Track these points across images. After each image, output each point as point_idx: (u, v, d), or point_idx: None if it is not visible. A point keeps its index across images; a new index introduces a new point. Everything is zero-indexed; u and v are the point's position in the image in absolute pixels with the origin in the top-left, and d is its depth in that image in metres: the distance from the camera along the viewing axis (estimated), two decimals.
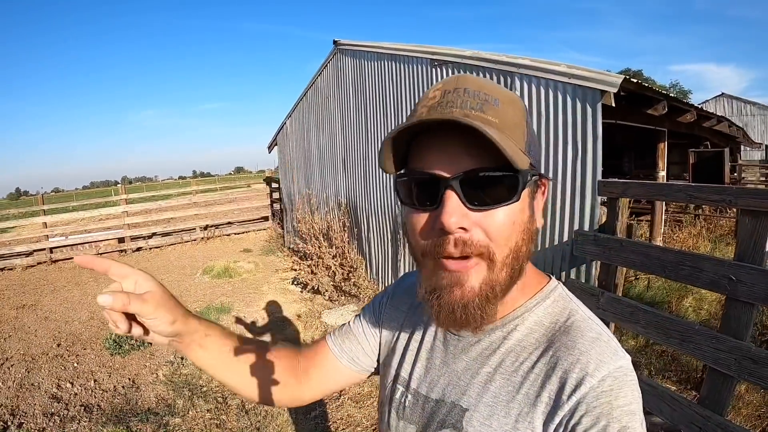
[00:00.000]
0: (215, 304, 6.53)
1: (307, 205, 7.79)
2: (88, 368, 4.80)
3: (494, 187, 0.58)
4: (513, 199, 0.58)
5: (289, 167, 9.85)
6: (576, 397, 0.58)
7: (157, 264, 9.66)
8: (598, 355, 0.60)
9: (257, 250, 10.37)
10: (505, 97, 0.61)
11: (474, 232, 0.58)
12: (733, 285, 2.15)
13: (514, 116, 0.60)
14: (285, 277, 7.83)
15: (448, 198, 0.57)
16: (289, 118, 9.39)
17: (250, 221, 13.05)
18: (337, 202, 7.41)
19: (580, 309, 0.68)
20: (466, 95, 0.59)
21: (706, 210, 9.52)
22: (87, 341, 5.46)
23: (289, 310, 6.28)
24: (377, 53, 6.07)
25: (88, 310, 6.66)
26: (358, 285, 6.25)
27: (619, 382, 0.58)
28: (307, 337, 5.33)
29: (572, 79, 3.43)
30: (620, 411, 0.56)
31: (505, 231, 0.59)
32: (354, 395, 4.02)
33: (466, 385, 0.69)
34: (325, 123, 7.82)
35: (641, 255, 2.69)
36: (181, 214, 11.70)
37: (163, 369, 4.70)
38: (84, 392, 4.35)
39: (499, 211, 0.58)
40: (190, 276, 8.38)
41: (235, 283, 7.81)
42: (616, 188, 2.93)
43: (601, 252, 2.95)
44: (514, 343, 0.67)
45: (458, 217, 0.57)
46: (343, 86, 7.04)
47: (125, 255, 10.70)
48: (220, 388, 4.30)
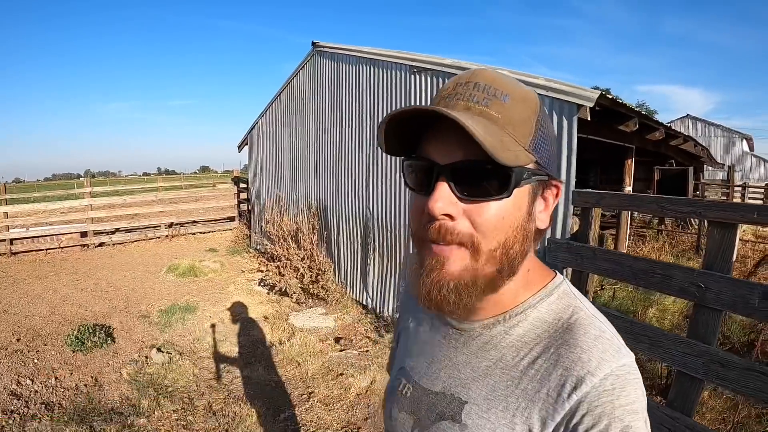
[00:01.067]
0: (180, 303, 6.45)
1: (276, 206, 7.78)
2: (49, 365, 4.69)
3: (485, 180, 0.59)
4: (503, 194, 0.59)
5: (259, 167, 9.80)
6: (577, 396, 0.58)
7: (120, 260, 9.44)
8: (601, 353, 0.60)
9: (223, 250, 10.27)
10: (516, 94, 0.62)
11: (459, 222, 0.60)
12: (702, 292, 2.23)
13: (522, 113, 0.61)
14: (252, 278, 7.79)
15: (439, 185, 0.59)
16: (261, 117, 9.35)
17: (215, 221, 12.89)
18: (308, 205, 7.42)
19: (584, 306, 0.68)
20: (476, 89, 0.61)
21: (668, 225, 9.91)
22: (48, 337, 5.33)
23: (256, 311, 6.27)
24: (356, 57, 6.09)
25: (48, 304, 6.49)
26: (326, 288, 6.25)
27: (621, 381, 0.58)
28: (274, 339, 5.32)
29: (550, 92, 3.59)
30: (622, 410, 0.56)
31: (493, 224, 0.60)
32: (323, 398, 4.06)
33: (466, 379, 0.70)
34: (298, 124, 7.81)
35: (613, 263, 2.74)
36: (146, 210, 11.46)
37: (127, 368, 4.64)
38: (45, 389, 4.25)
39: (489, 205, 0.60)
40: (154, 274, 8.23)
41: (201, 282, 7.73)
42: (590, 198, 3.00)
43: (574, 259, 3.00)
44: (516, 339, 0.67)
45: (445, 204, 0.59)
46: (320, 88, 7.04)
47: (87, 249, 10.42)
48: (186, 388, 4.28)
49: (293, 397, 4.15)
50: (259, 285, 7.31)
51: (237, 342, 5.30)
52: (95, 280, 7.85)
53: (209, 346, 5.21)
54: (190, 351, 5.08)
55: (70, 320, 5.84)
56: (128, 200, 11.51)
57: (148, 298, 6.83)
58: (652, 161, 10.29)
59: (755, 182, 21.49)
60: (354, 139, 6.20)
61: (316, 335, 5.33)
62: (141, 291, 7.18)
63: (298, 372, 4.56)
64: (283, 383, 4.39)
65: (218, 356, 4.94)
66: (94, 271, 8.50)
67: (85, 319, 5.87)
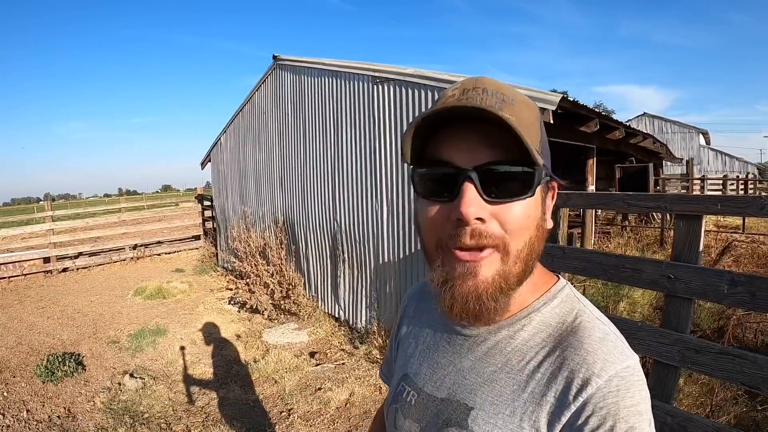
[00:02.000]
0: (150, 326, 6.35)
1: (243, 222, 7.74)
2: (19, 397, 4.59)
3: (512, 180, 0.60)
4: (529, 193, 0.61)
5: (224, 184, 9.73)
6: (582, 398, 0.59)
7: (85, 285, 9.23)
8: (605, 355, 0.61)
9: (190, 270, 10.15)
10: (520, 99, 0.64)
11: (490, 224, 0.60)
12: (672, 283, 2.34)
13: (529, 117, 0.62)
14: (221, 297, 7.73)
15: (467, 189, 0.59)
16: (224, 133, 9.30)
17: (180, 240, 12.71)
18: (274, 219, 7.41)
19: (587, 309, 0.69)
20: (485, 94, 0.61)
21: (632, 221, 10.19)
22: (16, 368, 5.20)
23: (228, 330, 6.24)
24: (318, 69, 6.11)
25: (15, 334, 6.33)
26: (297, 303, 6.27)
27: (626, 382, 0.59)
28: (248, 358, 5.32)
29: None
30: (627, 411, 0.57)
31: (521, 224, 0.61)
32: (303, 414, 4.07)
33: (471, 384, 0.70)
34: (262, 138, 7.79)
35: (584, 261, 2.83)
36: (109, 232, 11.25)
37: (100, 396, 4.57)
38: (17, 424, 4.17)
39: (515, 205, 0.61)
40: (121, 297, 8.08)
41: (169, 304, 7.63)
42: (558, 199, 3.04)
43: (544, 259, 3.01)
44: (521, 343, 0.68)
45: (476, 208, 0.59)
46: (282, 102, 7.04)
47: (51, 276, 10.14)
48: (163, 414, 4.24)
49: (273, 415, 4.14)
50: (229, 303, 7.25)
51: (211, 363, 5.26)
52: (62, 306, 7.68)
53: (182, 369, 5.16)
54: (163, 375, 5.02)
55: (37, 350, 5.72)
56: (91, 223, 11.27)
57: (116, 322, 6.71)
58: (613, 160, 10.54)
59: (713, 174, 22.38)
60: (318, 151, 6.20)
61: (291, 351, 5.34)
62: (109, 316, 7.05)
63: (276, 389, 4.55)
64: (261, 402, 4.38)
65: (193, 379, 4.90)
66: (59, 298, 8.30)
67: (53, 347, 5.75)
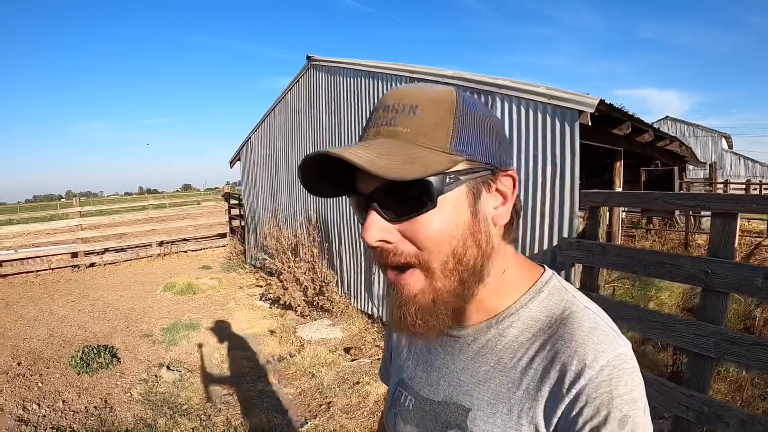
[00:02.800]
0: (183, 320, 6.43)
1: (274, 220, 7.80)
2: (54, 388, 4.62)
3: (406, 197, 0.59)
4: (427, 206, 0.58)
5: (253, 182, 9.77)
6: (576, 389, 0.59)
7: (113, 280, 9.32)
8: (596, 345, 0.60)
9: (217, 267, 10.22)
10: (427, 100, 0.61)
11: (401, 243, 0.60)
12: (709, 277, 2.47)
13: (435, 117, 0.60)
14: (252, 294, 7.81)
15: (369, 214, 0.60)
16: (254, 132, 9.36)
17: (206, 238, 12.79)
18: (307, 218, 7.42)
19: (576, 299, 0.68)
20: (385, 111, 0.62)
21: (656, 224, 10.29)
22: (49, 359, 5.25)
23: (261, 325, 6.29)
24: (354, 70, 6.18)
25: (46, 327, 6.40)
26: (331, 299, 6.30)
27: (618, 371, 0.59)
28: (284, 352, 5.34)
29: (552, 100, 3.74)
30: (621, 400, 0.57)
31: (430, 238, 0.60)
32: (343, 406, 4.07)
33: (466, 385, 0.70)
34: (295, 138, 7.84)
35: (624, 257, 3.00)
36: (136, 229, 11.37)
37: (137, 388, 4.60)
38: (53, 414, 4.18)
39: (420, 219, 0.59)
40: (150, 293, 8.16)
41: (200, 299, 7.70)
42: (598, 198, 3.25)
43: (585, 256, 3.24)
44: (511, 340, 0.68)
45: (377, 231, 0.60)
46: (316, 102, 7.10)
47: (79, 270, 10.24)
48: (202, 405, 4.27)
49: (312, 407, 4.16)
50: (260, 300, 7.33)
51: (247, 356, 5.29)
52: (91, 300, 7.76)
53: (219, 362, 5.19)
54: (199, 368, 5.05)
55: (70, 342, 5.77)
56: (118, 219, 11.41)
57: (148, 317, 6.77)
58: (637, 163, 10.51)
59: (735, 179, 22.19)
60: None
61: (326, 346, 5.36)
62: (140, 310, 7.11)
63: (314, 383, 4.57)
64: (299, 395, 4.41)
65: (229, 372, 4.93)
66: (88, 292, 8.39)
67: (85, 340, 5.81)
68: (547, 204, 3.88)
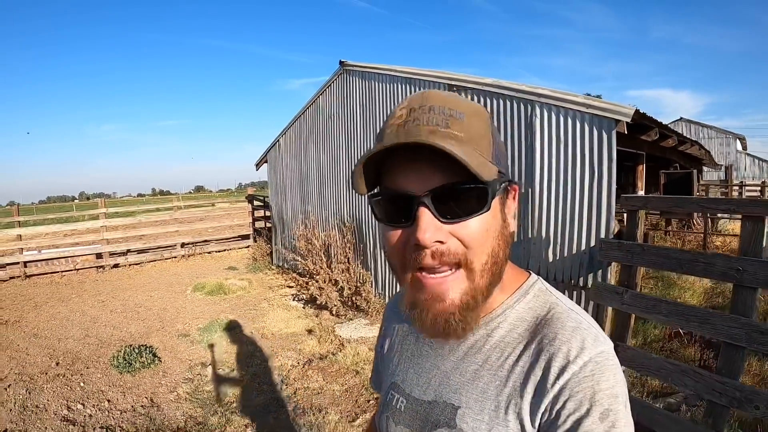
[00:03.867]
0: (220, 320, 6.49)
1: (307, 222, 7.90)
2: (97, 388, 4.66)
3: (465, 199, 0.61)
4: (484, 209, 0.62)
5: (282, 184, 9.87)
6: (560, 384, 0.61)
7: (139, 281, 9.41)
8: (579, 343, 0.63)
9: (243, 268, 10.29)
10: (469, 110, 0.64)
11: (450, 243, 0.62)
12: (740, 274, 2.74)
13: (480, 128, 0.64)
14: (284, 294, 7.87)
15: (422, 214, 0.61)
16: (282, 135, 9.46)
17: (228, 239, 12.91)
18: (341, 219, 7.53)
19: (560, 301, 0.72)
20: (432, 112, 0.62)
21: (674, 226, 10.64)
22: (88, 359, 5.30)
23: (297, 325, 6.33)
24: (390, 75, 6.36)
25: (80, 327, 6.48)
26: (367, 299, 6.40)
27: (600, 367, 0.61)
28: (324, 351, 5.37)
29: (590, 109, 3.98)
30: (602, 394, 0.60)
31: (480, 238, 0.63)
32: None
33: (456, 384, 0.73)
34: (327, 141, 7.95)
35: (661, 257, 3.27)
36: (160, 230, 11.49)
37: (183, 386, 4.66)
38: (99, 413, 4.22)
39: (472, 221, 0.62)
40: (180, 293, 8.24)
41: (231, 300, 7.77)
42: (637, 202, 3.53)
43: (624, 256, 3.48)
44: (498, 340, 0.71)
45: (432, 232, 0.61)
46: (350, 106, 7.25)
47: (103, 271, 10.35)
48: (256, 402, 4.30)
49: (360, 403, 4.20)
50: (293, 300, 7.40)
51: (288, 356, 5.31)
52: (121, 300, 7.83)
53: (261, 361, 5.20)
54: (242, 367, 5.07)
55: (107, 342, 5.84)
56: (144, 220, 11.60)
57: (182, 317, 6.84)
58: (655, 165, 10.71)
59: (750, 180, 22.46)
60: None
61: (366, 345, 5.41)
62: (172, 310, 7.18)
63: (359, 380, 4.62)
64: (346, 391, 4.44)
65: (273, 370, 4.95)
66: (117, 292, 8.49)
67: (122, 340, 5.88)
68: (585, 207, 4.14)
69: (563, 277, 4.35)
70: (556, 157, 4.34)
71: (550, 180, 4.40)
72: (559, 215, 4.35)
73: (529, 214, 4.58)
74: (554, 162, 4.35)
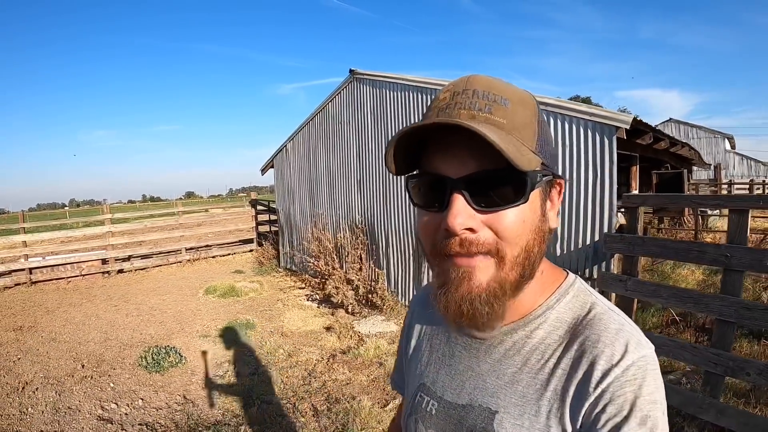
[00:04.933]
0: (238, 320, 6.69)
1: (318, 224, 8.19)
2: (128, 387, 4.79)
3: (502, 187, 0.61)
4: (521, 200, 0.61)
5: (289, 188, 10.12)
6: (602, 387, 0.61)
7: (148, 286, 9.53)
8: (623, 346, 0.63)
9: (249, 271, 10.48)
10: (515, 97, 0.63)
11: (482, 233, 0.61)
12: (728, 259, 3.18)
13: (524, 116, 0.63)
14: (296, 295, 8.09)
15: (455, 200, 0.61)
16: (290, 141, 9.73)
17: (231, 244, 13.09)
18: (352, 221, 7.79)
19: (599, 302, 0.71)
20: (476, 97, 0.62)
21: (666, 224, 11.23)
22: (113, 361, 5.44)
23: (315, 323, 6.56)
24: (401, 84, 6.64)
25: (98, 330, 6.61)
26: (382, 297, 6.66)
27: (643, 372, 0.61)
28: (344, 346, 5.59)
29: (593, 117, 4.44)
30: (643, 400, 0.60)
31: (516, 230, 0.62)
32: None
33: (493, 387, 0.71)
34: (337, 147, 8.20)
35: (659, 247, 3.75)
36: (165, 235, 11.70)
37: (214, 382, 4.83)
38: (135, 411, 4.34)
39: (509, 212, 0.61)
40: (192, 296, 8.41)
41: (245, 301, 7.96)
42: (637, 200, 3.98)
43: (626, 247, 3.90)
44: (538, 341, 0.70)
45: (464, 219, 0.60)
46: (360, 113, 7.52)
47: (109, 276, 10.47)
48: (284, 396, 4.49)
49: (388, 391, 4.40)
50: (307, 300, 7.65)
51: (310, 351, 5.52)
52: (134, 305, 7.98)
53: (286, 356, 5.39)
54: (268, 363, 5.24)
55: (128, 344, 5.99)
56: (148, 225, 11.79)
57: (199, 318, 7.00)
58: (648, 166, 11.08)
59: (738, 179, 23.29)
60: None
61: (385, 339, 5.64)
62: (188, 313, 7.33)
63: (384, 370, 4.81)
64: (373, 381, 4.66)
65: (299, 365, 5.14)
66: (128, 297, 8.63)
67: (143, 342, 6.03)
68: (589, 205, 4.57)
69: (570, 269, 4.78)
70: (562, 161, 4.76)
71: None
72: (564, 213, 4.73)
73: None
74: (559, 165, 4.74)
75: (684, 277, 7.17)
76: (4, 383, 4.99)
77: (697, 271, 7.39)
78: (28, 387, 4.87)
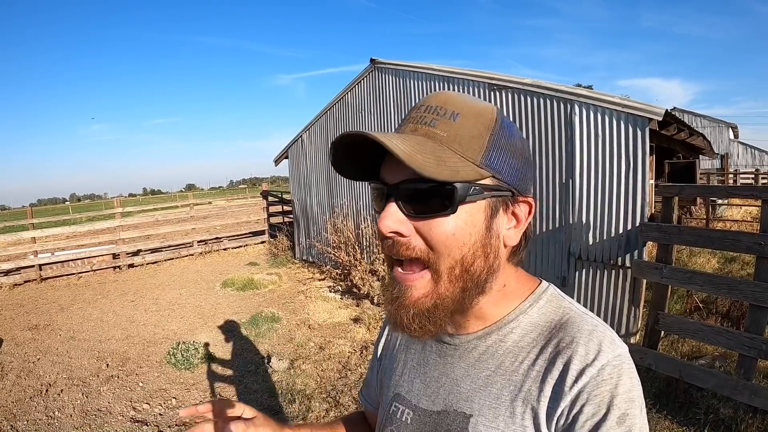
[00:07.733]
0: (262, 313, 6.59)
1: (340, 215, 8.16)
2: (158, 386, 4.70)
3: (430, 197, 0.62)
4: (448, 210, 0.62)
5: (306, 180, 10.04)
6: (578, 387, 0.62)
7: (162, 280, 9.42)
8: (597, 346, 0.64)
9: (263, 263, 10.39)
10: (470, 111, 0.65)
11: (413, 239, 0.64)
12: (762, 247, 3.32)
13: (473, 129, 0.64)
14: (318, 286, 7.99)
15: (388, 205, 0.64)
16: (306, 131, 9.66)
17: (243, 236, 13.01)
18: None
19: (573, 306, 0.73)
20: (427, 111, 0.66)
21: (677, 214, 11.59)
22: (138, 359, 5.35)
23: (340, 315, 6.50)
24: (426, 74, 6.67)
25: (118, 327, 6.51)
26: None
27: (618, 371, 0.63)
28: (375, 338, 5.70)
29: (626, 109, 4.51)
30: (620, 398, 0.61)
31: (443, 240, 0.63)
32: None
33: (467, 392, 0.73)
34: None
35: (695, 236, 3.89)
36: (177, 228, 11.57)
37: (248, 378, 4.77)
38: (169, 411, 4.24)
39: (437, 221, 0.63)
40: (209, 290, 8.32)
41: (265, 294, 7.89)
42: (672, 190, 4.14)
43: (662, 236, 4.04)
44: (512, 344, 0.71)
45: (392, 222, 0.63)
46: (382, 103, 7.56)
47: (120, 271, 10.34)
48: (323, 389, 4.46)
49: None
50: (330, 292, 7.57)
51: (342, 344, 5.45)
52: (151, 300, 7.89)
53: (317, 349, 5.31)
54: (300, 356, 5.17)
55: (152, 341, 5.91)
56: (159, 219, 11.68)
57: (221, 312, 6.92)
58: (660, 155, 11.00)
59: (743, 168, 23.74)
60: None
61: None
62: (208, 307, 7.24)
63: None
64: None
65: (331, 358, 5.11)
66: (144, 292, 8.54)
67: (167, 338, 5.95)
68: (621, 195, 4.64)
69: (602, 257, 4.86)
70: (594, 151, 4.84)
71: (589, 171, 4.90)
72: (597, 203, 4.83)
73: (569, 202, 5.06)
74: (593, 155, 4.86)
75: (701, 266, 7.32)
76: (26, 386, 4.86)
77: (713, 260, 7.53)
78: (52, 389, 4.77)
